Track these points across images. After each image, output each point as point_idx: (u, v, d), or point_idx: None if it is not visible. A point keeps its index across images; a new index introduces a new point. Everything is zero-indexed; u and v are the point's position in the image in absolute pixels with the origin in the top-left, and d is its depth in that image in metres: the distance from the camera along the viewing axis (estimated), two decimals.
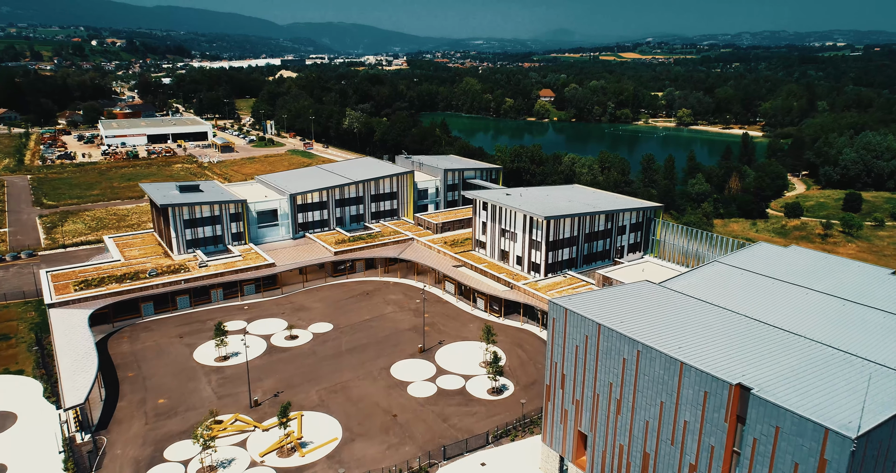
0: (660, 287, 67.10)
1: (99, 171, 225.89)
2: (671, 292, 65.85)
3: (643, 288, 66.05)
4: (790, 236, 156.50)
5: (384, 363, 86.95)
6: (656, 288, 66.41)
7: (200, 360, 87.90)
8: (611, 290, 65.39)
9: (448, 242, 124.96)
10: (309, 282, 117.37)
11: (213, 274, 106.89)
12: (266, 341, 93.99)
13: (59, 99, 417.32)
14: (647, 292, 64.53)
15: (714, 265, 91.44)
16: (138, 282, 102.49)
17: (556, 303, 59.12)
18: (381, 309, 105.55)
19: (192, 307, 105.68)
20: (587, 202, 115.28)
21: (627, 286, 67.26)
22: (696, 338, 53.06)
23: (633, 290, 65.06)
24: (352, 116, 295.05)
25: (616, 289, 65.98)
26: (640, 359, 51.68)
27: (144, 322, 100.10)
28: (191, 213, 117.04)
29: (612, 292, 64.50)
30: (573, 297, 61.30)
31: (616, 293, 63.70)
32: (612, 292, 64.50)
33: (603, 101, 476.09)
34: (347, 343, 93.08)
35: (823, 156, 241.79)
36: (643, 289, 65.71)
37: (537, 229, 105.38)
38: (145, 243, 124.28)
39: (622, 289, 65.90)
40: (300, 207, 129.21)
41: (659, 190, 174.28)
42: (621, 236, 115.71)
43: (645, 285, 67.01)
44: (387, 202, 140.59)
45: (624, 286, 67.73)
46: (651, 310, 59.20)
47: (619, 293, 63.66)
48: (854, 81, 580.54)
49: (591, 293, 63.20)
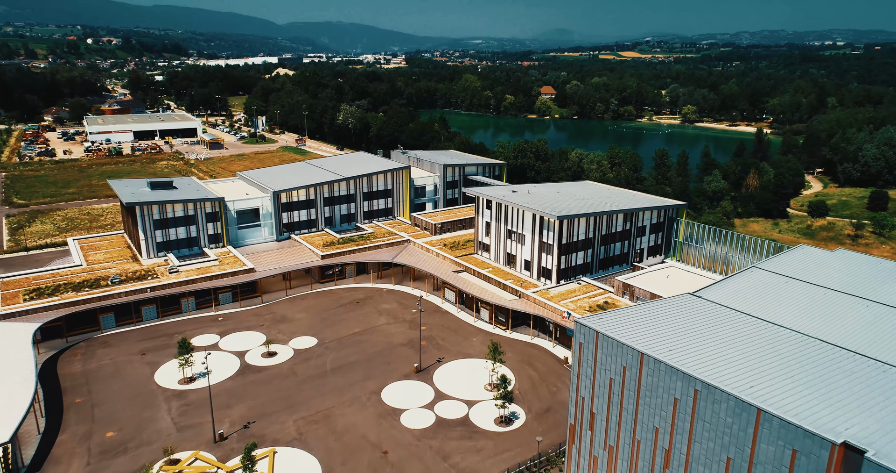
0: (706, 302, 55.39)
1: (79, 168, 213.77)
2: (721, 308, 54.16)
3: (686, 303, 54.36)
4: (817, 238, 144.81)
5: (374, 386, 75.09)
6: (702, 303, 54.71)
7: (162, 382, 76.00)
8: (649, 306, 53.59)
9: (448, 244, 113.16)
10: (293, 289, 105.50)
11: (183, 281, 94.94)
12: (240, 358, 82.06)
13: (48, 95, 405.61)
14: (692, 309, 52.88)
15: (753, 272, 79.72)
16: (98, 290, 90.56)
17: (584, 325, 47.33)
18: (372, 320, 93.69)
19: (160, 318, 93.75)
20: (603, 200, 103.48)
21: (668, 301, 55.51)
22: (770, 372, 41.33)
23: (674, 306, 53.37)
24: (346, 111, 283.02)
25: (654, 305, 54.17)
26: (698, 401, 39.92)
27: (103, 336, 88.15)
28: (162, 212, 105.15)
29: (651, 308, 52.72)
30: (604, 315, 49.54)
31: (655, 310, 51.94)
32: (650, 308, 52.72)
33: (606, 97, 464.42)
34: (333, 361, 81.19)
35: (841, 152, 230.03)
36: (686, 304, 54.03)
37: (548, 230, 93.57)
38: (113, 246, 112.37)
39: (662, 305, 54.13)
40: (285, 205, 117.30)
41: (674, 188, 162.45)
42: (641, 238, 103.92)
43: (688, 300, 55.32)
44: (381, 201, 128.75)
45: (663, 301, 55.95)
46: (703, 333, 47.48)
47: (660, 310, 51.93)
48: (858, 78, 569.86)
49: (626, 311, 51.40)
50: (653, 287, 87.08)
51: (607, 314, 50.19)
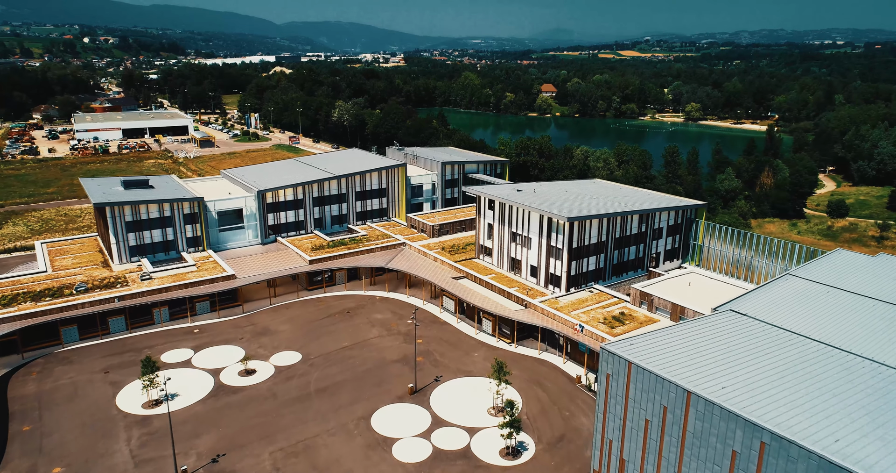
0: (752, 321, 46.82)
1: (62, 167, 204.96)
2: (770, 328, 45.58)
3: (729, 322, 45.80)
4: (839, 239, 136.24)
5: (363, 411, 66.44)
6: (748, 323, 46.15)
7: (125, 406, 67.36)
8: (687, 327, 44.97)
9: (447, 247, 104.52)
10: (278, 297, 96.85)
11: (156, 289, 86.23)
12: (214, 377, 73.41)
13: (39, 93, 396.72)
14: (737, 329, 44.34)
15: (788, 280, 71.35)
16: (60, 300, 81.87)
17: (614, 353, 38.76)
18: (363, 333, 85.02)
19: (129, 330, 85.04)
20: (615, 200, 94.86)
21: (707, 321, 46.90)
22: (852, 415, 32.74)
23: (716, 326, 44.80)
24: (342, 107, 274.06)
25: (693, 326, 45.55)
26: (765, 457, 31.34)
27: (64, 352, 79.48)
28: (135, 213, 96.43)
29: (690, 330, 44.12)
30: (637, 340, 40.95)
31: (695, 332, 43.36)
32: (688, 330, 44.12)
33: (607, 95, 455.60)
34: (318, 381, 72.52)
35: (855, 150, 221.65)
36: (730, 324, 45.47)
37: (557, 232, 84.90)
38: (84, 250, 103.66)
39: (701, 325, 45.52)
40: (271, 206, 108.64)
41: (685, 186, 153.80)
42: (657, 241, 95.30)
43: (730, 319, 46.74)
44: (374, 201, 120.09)
45: (702, 321, 47.31)
46: (758, 363, 38.94)
47: (700, 332, 43.35)
48: (861, 77, 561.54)
49: (661, 334, 42.81)
50: (673, 296, 78.51)
51: (639, 337, 41.60)
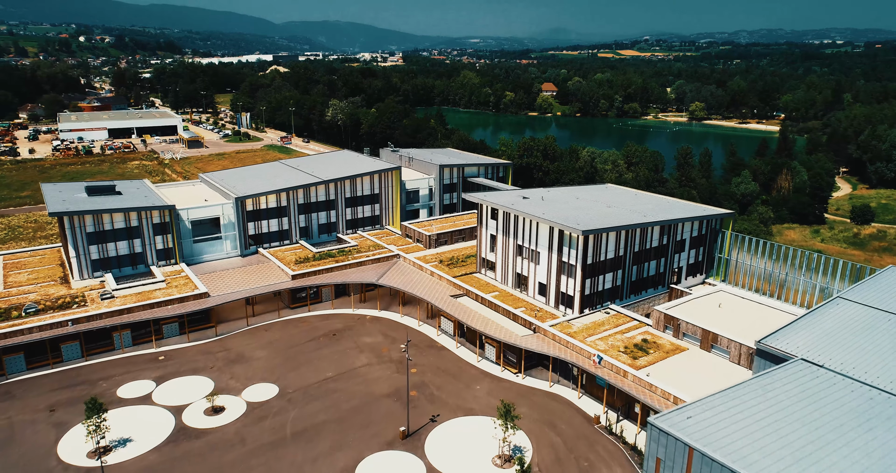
0: (831, 374, 37.01)
1: (40, 169, 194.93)
2: (857, 385, 35.76)
3: (804, 378, 36.02)
4: (868, 248, 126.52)
5: (346, 461, 56.57)
6: (827, 378, 36.36)
7: (67, 454, 57.44)
8: (754, 388, 35.20)
9: (445, 260, 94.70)
10: (257, 317, 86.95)
11: (116, 311, 76.30)
12: (176, 416, 63.50)
13: (29, 92, 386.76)
14: (818, 390, 34.61)
15: (841, 306, 61.86)
16: (6, 324, 71.93)
17: (667, 433, 28.96)
18: (350, 360, 75.15)
19: (85, 357, 75.13)
20: (632, 209, 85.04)
21: (777, 377, 37.14)
22: None
23: (791, 384, 35.06)
24: (336, 106, 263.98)
25: (761, 385, 35.71)
26: None
27: (7, 384, 69.55)
28: (97, 223, 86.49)
29: (759, 391, 34.31)
30: (696, 409, 31.32)
31: (767, 396, 33.53)
32: (757, 391, 34.30)
33: (609, 94, 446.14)
34: (295, 422, 62.63)
35: (872, 151, 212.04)
36: (806, 380, 35.70)
37: (570, 247, 75.09)
38: (45, 264, 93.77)
39: (772, 384, 35.71)
40: (251, 214, 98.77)
41: (700, 190, 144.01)
42: (679, 255, 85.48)
43: (804, 372, 36.94)
44: (366, 207, 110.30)
45: (770, 376, 37.48)
46: (861, 440, 29.16)
47: (774, 396, 33.57)
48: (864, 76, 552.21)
49: (722, 399, 33.15)
50: (703, 320, 68.77)
51: (694, 406, 31.92)
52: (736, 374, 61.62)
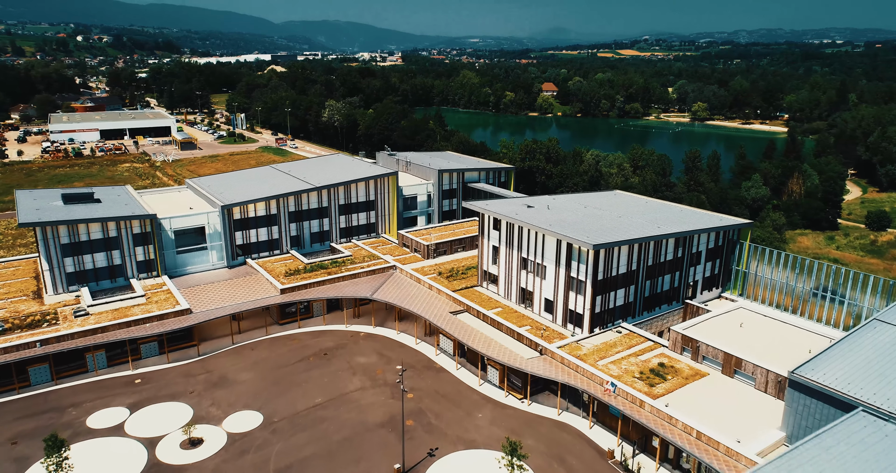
0: None
1: (27, 172, 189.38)
2: None
3: (872, 438, 30.49)
4: (887, 256, 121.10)
5: None
6: None
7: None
8: (815, 453, 29.55)
9: (443, 272, 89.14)
10: (242, 334, 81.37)
11: (90, 330, 70.71)
12: (149, 450, 57.92)
13: (22, 92, 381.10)
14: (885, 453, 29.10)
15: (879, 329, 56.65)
16: None
17: None
18: (342, 384, 69.62)
19: (55, 381, 69.59)
20: (644, 218, 79.53)
21: (840, 435, 31.53)
22: None
23: (861, 448, 29.52)
24: (332, 107, 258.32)
25: (819, 446, 30.15)
26: None
27: None
28: (72, 234, 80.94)
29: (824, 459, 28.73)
30: None
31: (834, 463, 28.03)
32: (822, 458, 28.73)
33: (611, 94, 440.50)
34: (280, 457, 57.06)
35: (883, 152, 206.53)
36: (875, 442, 30.17)
37: (579, 261, 69.54)
38: (18, 276, 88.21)
39: (838, 446, 30.14)
40: (239, 222, 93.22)
41: (709, 196, 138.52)
42: (694, 268, 79.95)
43: (868, 427, 31.41)
44: (361, 215, 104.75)
45: (832, 435, 31.93)
46: None
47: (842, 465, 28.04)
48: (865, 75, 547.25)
49: (790, 460, 27.45)
50: (724, 342, 63.21)
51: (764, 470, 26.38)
52: (765, 405, 56.25)
